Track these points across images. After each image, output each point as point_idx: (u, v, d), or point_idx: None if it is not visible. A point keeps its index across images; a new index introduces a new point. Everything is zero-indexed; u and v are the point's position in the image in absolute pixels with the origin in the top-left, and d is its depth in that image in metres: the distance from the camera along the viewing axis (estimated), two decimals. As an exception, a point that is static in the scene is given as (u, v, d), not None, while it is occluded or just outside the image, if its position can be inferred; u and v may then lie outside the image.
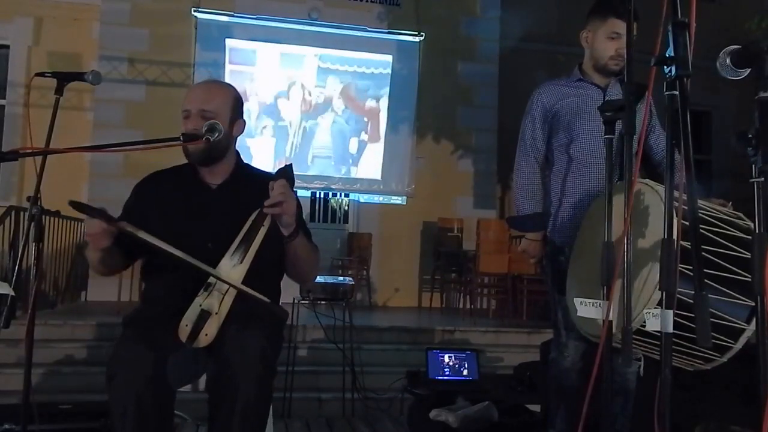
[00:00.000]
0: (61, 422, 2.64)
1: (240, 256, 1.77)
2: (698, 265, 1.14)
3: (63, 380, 4.31)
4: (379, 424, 3.54)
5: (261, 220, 1.79)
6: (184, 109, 1.90)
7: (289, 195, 1.72)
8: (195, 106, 1.88)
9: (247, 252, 1.77)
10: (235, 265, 1.76)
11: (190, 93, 1.95)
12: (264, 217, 1.78)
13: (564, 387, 2.41)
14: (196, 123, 1.85)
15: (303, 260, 1.92)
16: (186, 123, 1.88)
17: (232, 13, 7.54)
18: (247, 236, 1.79)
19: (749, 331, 1.62)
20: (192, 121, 1.86)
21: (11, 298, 1.84)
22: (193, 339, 1.67)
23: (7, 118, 7.45)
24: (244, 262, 1.76)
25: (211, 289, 1.73)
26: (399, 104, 7.96)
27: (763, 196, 1.12)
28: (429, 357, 3.67)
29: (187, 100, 1.91)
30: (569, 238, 2.36)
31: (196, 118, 1.86)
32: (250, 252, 1.76)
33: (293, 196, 1.75)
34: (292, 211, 1.75)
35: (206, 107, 1.88)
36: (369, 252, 7.49)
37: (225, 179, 1.96)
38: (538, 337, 4.98)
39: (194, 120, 1.86)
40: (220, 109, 1.91)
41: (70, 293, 6.53)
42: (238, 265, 1.76)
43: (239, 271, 1.75)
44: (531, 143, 2.50)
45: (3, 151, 1.73)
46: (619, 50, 2.32)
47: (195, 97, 1.91)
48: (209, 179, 1.95)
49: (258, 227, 1.78)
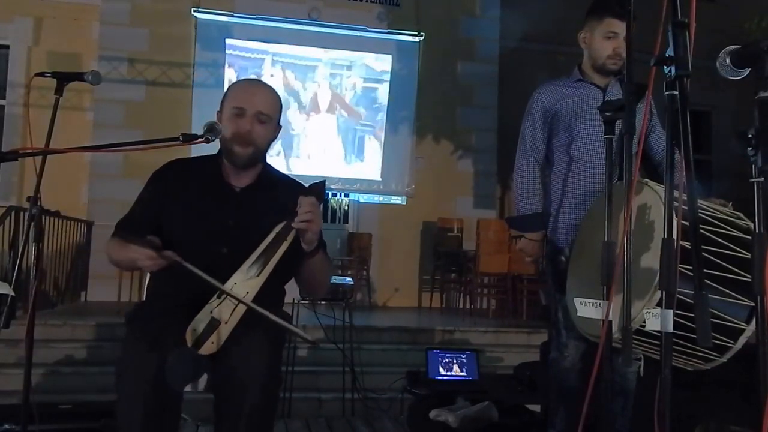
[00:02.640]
0: (61, 422, 2.64)
1: (258, 269, 1.72)
2: (698, 265, 1.14)
3: (63, 380, 4.31)
4: (379, 424, 3.54)
5: (285, 234, 1.74)
6: (237, 107, 1.83)
7: (317, 213, 1.70)
8: (253, 107, 1.83)
9: (266, 266, 1.72)
10: (251, 277, 1.71)
11: (242, 91, 1.90)
12: (289, 232, 1.73)
13: (564, 387, 2.41)
14: (251, 124, 1.82)
15: (318, 276, 1.90)
16: (238, 121, 1.82)
17: (232, 13, 7.54)
18: (268, 249, 1.74)
19: (749, 331, 1.62)
20: (247, 121, 1.81)
21: (11, 298, 1.84)
22: (198, 345, 1.64)
23: (7, 118, 7.45)
24: (261, 276, 1.72)
25: (224, 297, 1.69)
26: (399, 104, 7.96)
27: (763, 196, 1.12)
28: (429, 357, 3.67)
29: (240, 98, 1.85)
30: (569, 238, 2.37)
31: (252, 119, 1.82)
32: (269, 266, 1.72)
33: (320, 214, 1.73)
34: (317, 228, 1.73)
35: (265, 110, 1.85)
36: (369, 252, 7.49)
37: (250, 183, 1.90)
38: (538, 337, 4.98)
39: (249, 120, 1.82)
40: (274, 114, 1.89)
41: (70, 293, 6.53)
42: (254, 278, 1.71)
43: (254, 284, 1.71)
44: (531, 144, 2.50)
45: (3, 151, 1.73)
46: (616, 49, 2.33)
47: (252, 97, 1.85)
48: (234, 181, 1.89)
49: (281, 242, 1.74)
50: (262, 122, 1.84)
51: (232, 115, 1.84)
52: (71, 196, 6.93)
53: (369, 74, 7.98)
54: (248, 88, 1.94)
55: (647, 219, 1.72)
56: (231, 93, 1.90)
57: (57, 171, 3.52)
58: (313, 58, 7.81)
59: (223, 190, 1.88)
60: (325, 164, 7.76)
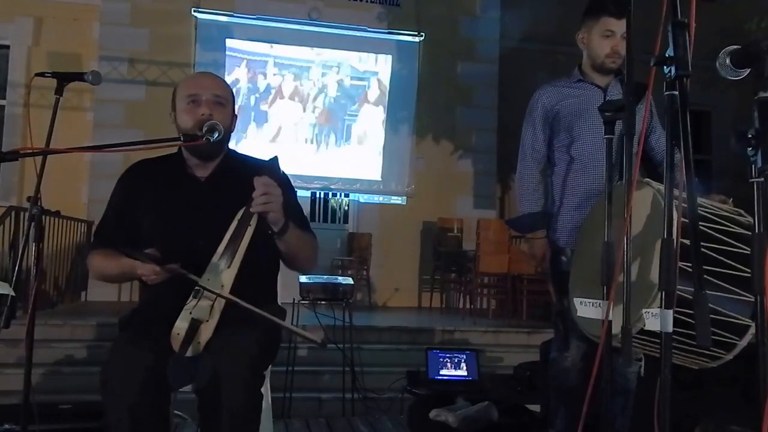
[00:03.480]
0: (61, 422, 2.64)
1: (228, 259, 1.69)
2: (698, 264, 1.14)
3: (63, 380, 4.31)
4: (379, 424, 3.54)
5: (247, 219, 1.70)
6: (192, 94, 1.83)
7: (272, 192, 1.65)
8: (207, 91, 1.82)
9: (235, 255, 1.69)
10: (223, 269, 1.68)
11: (192, 80, 1.91)
12: (250, 216, 1.70)
13: (564, 387, 2.41)
14: (210, 108, 1.80)
15: (298, 252, 1.84)
16: (196, 108, 1.81)
17: (232, 14, 7.54)
18: (233, 237, 1.70)
19: (754, 327, 1.62)
20: (205, 107, 1.80)
21: (11, 298, 1.84)
22: (186, 348, 1.62)
23: (7, 118, 7.45)
24: (233, 266, 1.68)
25: (200, 295, 1.65)
26: (399, 104, 7.96)
27: (762, 196, 1.12)
28: (429, 357, 3.67)
29: (191, 87, 1.85)
30: (571, 238, 2.37)
31: (209, 103, 1.81)
32: (238, 254, 1.69)
33: (278, 192, 1.66)
34: (278, 207, 1.67)
35: (219, 92, 1.84)
36: (369, 252, 7.49)
37: (212, 171, 1.88)
38: (538, 337, 4.98)
39: (207, 105, 1.81)
40: (229, 97, 1.89)
41: (70, 293, 6.53)
42: (227, 270, 1.68)
43: (228, 275, 1.67)
44: (532, 145, 2.50)
45: (3, 151, 1.72)
46: (614, 47, 2.34)
47: (203, 83, 1.86)
48: (198, 172, 1.88)
49: (244, 227, 1.70)
50: (220, 104, 1.83)
51: (186, 105, 1.83)
52: (71, 196, 6.93)
53: (369, 74, 7.98)
54: (196, 77, 1.98)
55: (649, 218, 1.72)
56: (179, 89, 1.89)
57: (57, 171, 3.53)
58: (313, 59, 7.81)
59: (187, 182, 1.88)
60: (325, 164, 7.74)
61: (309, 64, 7.82)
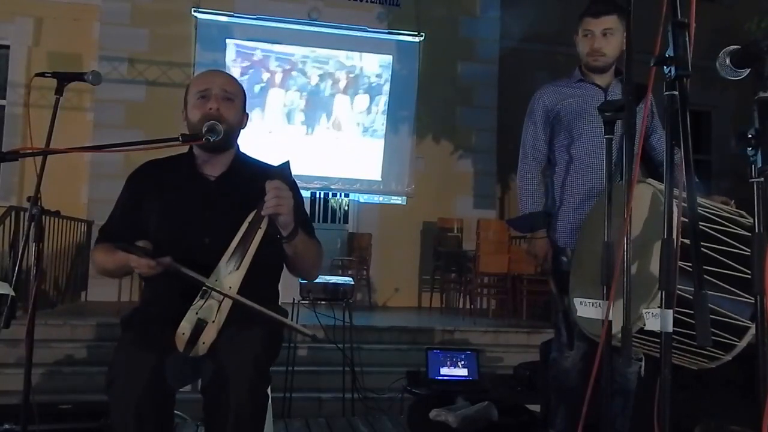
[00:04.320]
0: (61, 422, 2.64)
1: (237, 261, 1.70)
2: (698, 264, 1.14)
3: (63, 380, 4.31)
4: (379, 424, 3.54)
5: (257, 222, 1.71)
6: (202, 89, 1.84)
7: (284, 195, 1.67)
8: (217, 86, 1.83)
9: (244, 257, 1.70)
10: (231, 271, 1.69)
11: (202, 76, 1.92)
12: (261, 219, 1.71)
13: (564, 387, 2.42)
14: (217, 101, 1.81)
15: (304, 258, 1.86)
16: (205, 103, 1.81)
17: (232, 13, 7.54)
18: (243, 240, 1.72)
19: (754, 328, 1.62)
20: (214, 101, 1.81)
21: (11, 298, 1.85)
22: (190, 348, 1.62)
23: (7, 118, 7.44)
24: (241, 268, 1.69)
25: (207, 295, 1.67)
26: (399, 104, 7.96)
27: (762, 196, 1.12)
28: (429, 357, 3.67)
29: (201, 83, 1.86)
30: (571, 238, 2.37)
31: (218, 98, 1.82)
32: (247, 257, 1.70)
33: (289, 195, 1.68)
34: (288, 210, 1.68)
35: (228, 88, 1.85)
36: (369, 252, 7.49)
37: (223, 171, 1.90)
38: (537, 337, 4.99)
39: (216, 100, 1.81)
40: (239, 94, 1.90)
41: (70, 293, 6.53)
42: (235, 272, 1.69)
43: (236, 277, 1.69)
44: (532, 144, 2.51)
45: (3, 151, 1.72)
46: (593, 46, 2.40)
47: (213, 79, 1.87)
48: (208, 171, 1.89)
49: (255, 230, 1.71)
50: (228, 99, 1.84)
51: (196, 100, 1.84)
52: (71, 196, 6.93)
53: (369, 74, 7.97)
54: (207, 73, 1.97)
55: (649, 218, 1.72)
56: (190, 86, 1.91)
57: (57, 171, 3.53)
58: (313, 59, 7.81)
59: (197, 180, 1.88)
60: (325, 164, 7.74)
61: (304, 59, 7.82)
